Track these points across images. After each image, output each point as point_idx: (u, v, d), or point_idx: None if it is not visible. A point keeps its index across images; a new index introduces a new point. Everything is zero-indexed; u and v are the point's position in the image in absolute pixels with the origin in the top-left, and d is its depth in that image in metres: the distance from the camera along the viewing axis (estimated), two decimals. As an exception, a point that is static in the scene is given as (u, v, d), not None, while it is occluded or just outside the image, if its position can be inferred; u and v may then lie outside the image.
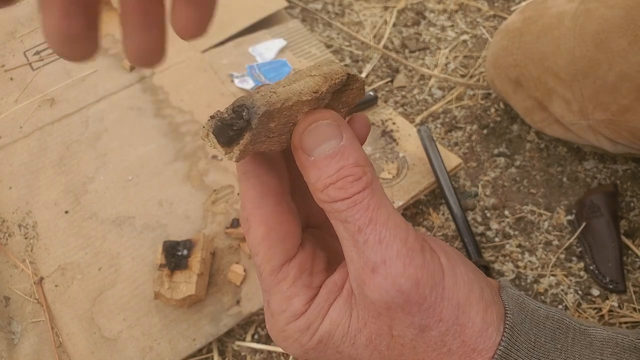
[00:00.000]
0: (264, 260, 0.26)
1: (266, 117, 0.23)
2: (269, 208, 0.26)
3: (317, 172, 0.24)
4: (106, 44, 0.89)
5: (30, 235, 0.66)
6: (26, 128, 0.78)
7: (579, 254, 0.64)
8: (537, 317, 0.26)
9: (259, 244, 0.26)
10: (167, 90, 0.81)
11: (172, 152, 0.74)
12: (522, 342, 0.25)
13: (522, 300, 0.27)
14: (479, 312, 0.25)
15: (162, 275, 0.57)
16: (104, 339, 0.57)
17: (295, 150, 0.25)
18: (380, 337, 0.25)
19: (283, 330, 0.26)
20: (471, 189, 0.71)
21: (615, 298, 0.60)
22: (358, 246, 0.24)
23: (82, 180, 0.71)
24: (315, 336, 0.26)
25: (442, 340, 0.24)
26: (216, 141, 0.24)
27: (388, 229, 0.24)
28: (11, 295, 0.62)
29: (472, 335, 0.24)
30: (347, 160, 0.24)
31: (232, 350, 0.59)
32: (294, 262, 0.26)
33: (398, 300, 0.23)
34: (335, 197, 0.24)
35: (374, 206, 0.24)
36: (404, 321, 0.24)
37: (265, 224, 0.26)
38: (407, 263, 0.24)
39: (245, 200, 0.27)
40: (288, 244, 0.26)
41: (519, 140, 0.75)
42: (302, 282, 0.26)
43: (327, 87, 0.25)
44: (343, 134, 0.25)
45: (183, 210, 0.67)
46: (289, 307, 0.26)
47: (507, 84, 0.69)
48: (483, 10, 0.95)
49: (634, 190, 0.68)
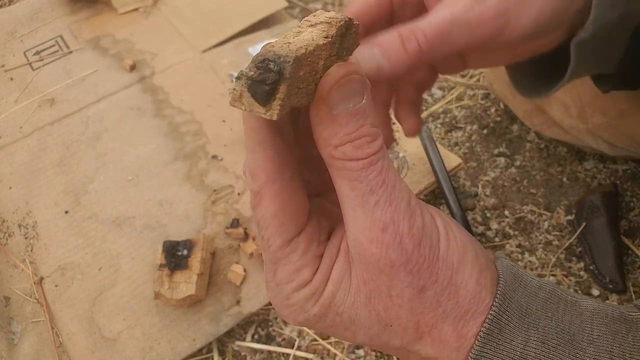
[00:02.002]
0: (275, 234, 0.26)
1: (297, 64, 0.22)
2: (284, 182, 0.26)
3: (336, 128, 0.24)
4: (106, 44, 0.89)
5: (30, 235, 0.66)
6: (26, 128, 0.78)
7: (578, 254, 0.64)
8: (529, 287, 0.27)
9: (271, 219, 0.26)
10: (167, 91, 0.81)
11: (172, 152, 0.74)
12: (513, 309, 0.25)
13: (516, 270, 0.28)
14: (472, 275, 0.26)
15: (162, 275, 0.57)
16: (104, 339, 0.57)
17: (317, 103, 0.24)
18: (379, 297, 0.25)
19: (288, 297, 0.26)
20: (471, 189, 0.71)
21: (615, 298, 0.60)
22: (367, 206, 0.24)
23: (82, 180, 0.71)
24: (320, 301, 0.26)
25: (437, 300, 0.25)
26: (253, 100, 0.22)
27: (396, 190, 0.24)
28: (11, 295, 0.62)
29: (465, 296, 0.25)
30: (366, 119, 0.24)
31: (232, 350, 0.59)
32: (304, 235, 0.26)
33: (402, 259, 0.24)
34: (351, 156, 0.24)
35: (386, 168, 0.24)
36: (404, 280, 0.25)
37: (279, 199, 0.25)
38: (411, 224, 0.24)
39: (259, 172, 0.25)
40: (299, 218, 0.26)
41: (519, 140, 0.75)
42: (312, 252, 0.26)
43: (335, 31, 0.25)
44: (365, 92, 0.24)
45: (183, 210, 0.67)
46: (297, 277, 0.26)
47: (506, 87, 0.69)
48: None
49: (633, 190, 0.68)
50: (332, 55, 0.25)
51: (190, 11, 0.93)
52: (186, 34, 0.89)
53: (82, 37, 0.90)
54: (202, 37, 0.88)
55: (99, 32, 0.91)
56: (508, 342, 0.25)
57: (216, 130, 0.76)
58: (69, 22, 0.93)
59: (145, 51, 0.87)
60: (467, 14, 0.33)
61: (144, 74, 0.84)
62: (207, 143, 0.74)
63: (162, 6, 0.94)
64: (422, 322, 0.25)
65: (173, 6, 0.94)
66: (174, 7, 0.94)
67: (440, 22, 0.33)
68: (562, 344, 0.25)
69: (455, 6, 0.33)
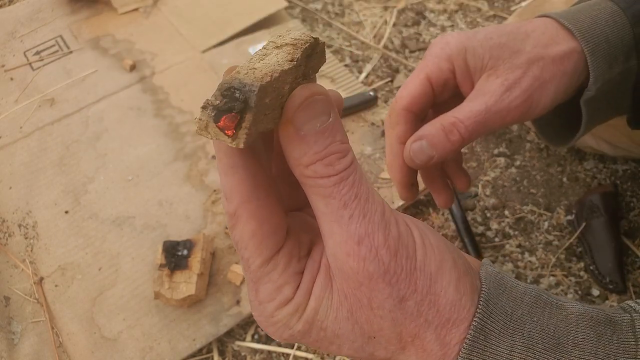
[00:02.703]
0: (254, 254, 0.26)
1: (262, 93, 0.22)
2: (259, 202, 0.26)
3: (304, 148, 0.24)
4: (106, 44, 0.89)
5: (30, 235, 0.66)
6: (26, 128, 0.78)
7: (578, 254, 0.64)
8: (514, 292, 0.27)
9: (248, 239, 0.26)
10: (167, 91, 0.81)
11: (172, 152, 0.74)
12: (498, 314, 0.26)
13: (500, 276, 0.28)
14: (451, 282, 0.26)
15: (162, 275, 0.57)
16: (104, 339, 0.58)
17: (284, 124, 0.25)
18: (361, 310, 0.25)
19: (272, 315, 0.27)
20: (471, 189, 0.71)
21: (615, 298, 0.60)
22: (341, 221, 0.24)
23: (82, 180, 0.71)
24: (303, 317, 0.26)
25: (418, 310, 0.25)
26: (219, 130, 0.23)
27: (369, 203, 0.25)
28: (11, 295, 0.62)
29: (445, 304, 0.25)
30: (334, 137, 0.24)
31: (232, 350, 0.59)
32: (283, 251, 0.26)
33: (379, 270, 0.24)
34: (322, 174, 0.24)
35: (358, 182, 0.25)
36: (383, 292, 0.25)
37: (255, 219, 0.26)
38: (386, 234, 0.25)
39: (233, 194, 0.26)
40: (277, 235, 0.26)
41: (519, 140, 0.75)
42: (292, 269, 0.26)
43: (300, 54, 0.25)
44: (331, 110, 0.25)
45: (183, 210, 0.67)
46: (279, 295, 0.26)
47: None
48: (483, 10, 0.95)
49: (633, 190, 0.68)
50: (298, 77, 0.25)
51: (190, 11, 0.93)
52: (186, 34, 0.89)
53: (82, 37, 0.90)
54: (202, 37, 0.88)
55: (99, 32, 0.91)
56: (493, 348, 0.25)
57: (216, 130, 0.76)
58: (69, 22, 0.93)
59: (145, 51, 0.87)
60: (498, 105, 0.40)
61: (144, 73, 0.84)
62: (207, 143, 0.74)
63: (162, 6, 0.94)
64: (404, 333, 0.25)
65: (173, 6, 0.94)
66: (174, 7, 0.94)
67: (477, 114, 0.40)
68: (548, 349, 0.25)
69: (488, 97, 0.40)
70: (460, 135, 0.40)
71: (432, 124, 0.41)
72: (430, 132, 0.41)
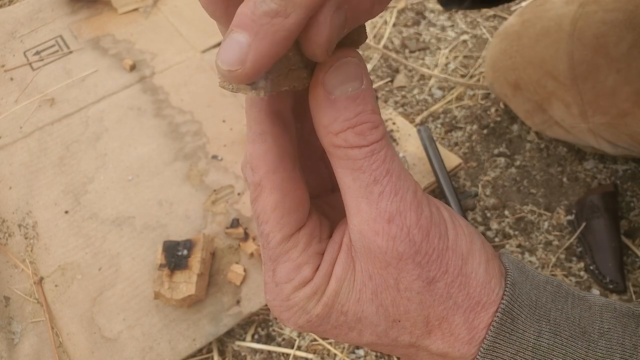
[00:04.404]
0: (275, 228, 0.25)
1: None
2: (285, 174, 0.25)
3: (334, 114, 0.23)
4: (106, 44, 0.89)
5: (30, 235, 0.66)
6: (26, 128, 0.78)
7: (579, 254, 0.64)
8: (536, 281, 0.26)
9: (270, 211, 0.25)
10: (167, 91, 0.81)
11: (172, 152, 0.74)
12: (523, 300, 0.25)
13: (522, 265, 0.27)
14: (481, 264, 0.25)
15: (162, 275, 0.57)
16: (104, 339, 0.57)
17: (314, 87, 0.24)
18: (387, 291, 0.24)
19: (288, 298, 0.25)
20: (471, 189, 0.71)
21: (616, 298, 0.60)
22: (371, 197, 0.23)
23: (82, 180, 0.71)
24: (322, 300, 0.25)
25: (448, 292, 0.24)
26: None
27: (402, 181, 0.24)
28: (11, 295, 0.62)
29: (476, 287, 0.25)
30: (366, 105, 0.23)
31: (232, 350, 0.59)
32: (305, 230, 0.25)
33: (410, 251, 0.23)
34: (353, 143, 0.23)
35: (390, 157, 0.23)
36: (412, 273, 0.24)
37: (279, 191, 0.25)
38: (419, 214, 0.24)
39: (259, 163, 0.25)
40: (300, 212, 0.25)
41: (519, 140, 0.75)
42: (313, 249, 0.25)
43: None
44: (364, 77, 0.24)
45: (183, 210, 0.67)
46: (297, 275, 0.25)
47: (506, 87, 0.69)
48: (483, 10, 0.95)
49: (634, 190, 0.68)
50: None
51: (190, 11, 0.93)
52: (186, 34, 0.89)
53: (82, 37, 0.90)
54: (202, 37, 0.88)
55: (99, 32, 0.91)
56: (520, 333, 0.24)
57: (216, 130, 0.76)
58: (69, 22, 0.93)
59: (145, 51, 0.87)
60: None
61: (144, 74, 0.84)
62: (207, 143, 0.74)
63: (162, 6, 0.94)
64: (432, 316, 0.25)
65: (173, 6, 0.94)
66: (174, 7, 0.94)
67: None
68: (575, 336, 0.25)
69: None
70: None
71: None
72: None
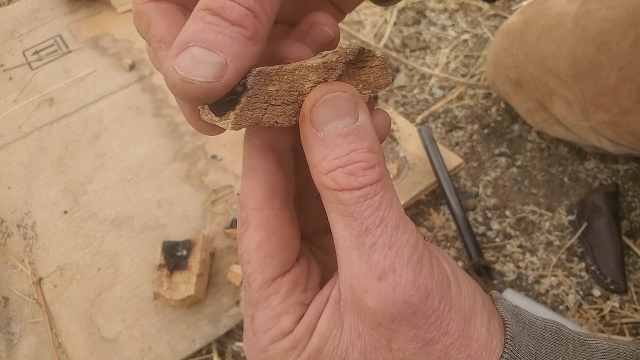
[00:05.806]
0: (257, 269, 0.23)
1: (262, 78, 0.21)
2: (272, 211, 0.23)
3: (324, 151, 0.21)
4: (105, 44, 0.89)
5: (29, 236, 0.66)
6: (25, 128, 0.77)
7: (580, 255, 0.64)
8: (534, 329, 0.25)
9: (254, 250, 0.23)
10: (166, 90, 0.81)
11: (171, 152, 0.73)
12: (523, 355, 0.23)
13: (517, 311, 0.25)
14: (483, 323, 0.23)
15: (162, 276, 0.57)
16: (103, 339, 0.57)
17: (302, 122, 0.22)
18: (377, 351, 0.22)
19: (265, 350, 0.23)
20: (472, 189, 0.71)
21: (617, 298, 0.60)
22: (362, 248, 0.21)
23: (81, 180, 0.71)
24: (302, 355, 0.23)
25: (446, 354, 0.22)
26: (212, 112, 0.22)
27: (400, 232, 0.21)
28: (10, 296, 0.62)
29: (477, 348, 0.22)
30: (360, 143, 0.21)
31: (232, 351, 0.59)
32: (289, 276, 0.24)
33: (404, 312, 0.21)
34: (343, 185, 0.21)
35: (386, 204, 0.21)
36: (407, 334, 0.22)
37: (265, 229, 0.23)
38: (417, 272, 0.21)
39: (248, 198, 0.24)
40: (286, 254, 0.24)
41: (520, 140, 0.75)
42: (295, 298, 0.24)
43: (336, 57, 0.23)
44: (360, 113, 0.22)
45: (182, 210, 0.67)
46: (275, 325, 0.23)
47: (508, 84, 0.69)
48: (484, 9, 0.95)
49: (635, 191, 0.68)
50: (328, 79, 0.23)
51: (190, 10, 0.92)
52: (186, 33, 0.89)
53: (81, 37, 0.90)
54: (201, 37, 0.88)
55: (98, 32, 0.91)
56: None
57: (216, 130, 0.76)
58: (68, 21, 0.93)
59: (145, 50, 0.87)
60: None
61: (143, 73, 0.84)
62: (206, 143, 0.74)
63: (162, 5, 0.94)
64: None
65: (173, 5, 0.94)
66: (174, 6, 0.94)
67: None
68: None
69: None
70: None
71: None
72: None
